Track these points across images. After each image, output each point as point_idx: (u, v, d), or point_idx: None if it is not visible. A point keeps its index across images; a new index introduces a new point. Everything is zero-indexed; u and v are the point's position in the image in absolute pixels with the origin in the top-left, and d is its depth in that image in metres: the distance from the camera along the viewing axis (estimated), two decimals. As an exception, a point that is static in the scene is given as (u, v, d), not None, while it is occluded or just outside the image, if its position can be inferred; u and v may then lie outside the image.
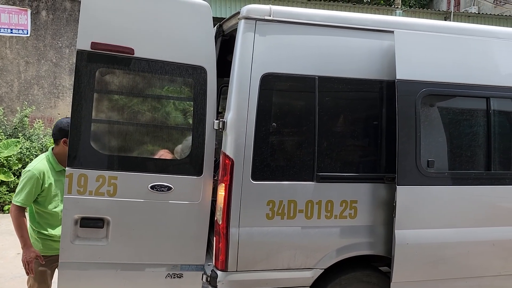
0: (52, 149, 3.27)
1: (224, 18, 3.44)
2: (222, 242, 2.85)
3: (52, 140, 6.02)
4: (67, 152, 2.87)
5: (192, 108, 2.94)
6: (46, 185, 3.13)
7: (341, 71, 3.03)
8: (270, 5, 2.97)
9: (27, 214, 3.17)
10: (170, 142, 3.08)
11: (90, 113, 2.80)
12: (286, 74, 2.94)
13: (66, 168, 2.78)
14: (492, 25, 11.93)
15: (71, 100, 2.79)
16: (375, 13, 11.81)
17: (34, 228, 3.21)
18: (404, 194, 3.00)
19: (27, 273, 3.15)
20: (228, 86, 2.91)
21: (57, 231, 3.18)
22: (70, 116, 2.85)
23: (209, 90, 2.91)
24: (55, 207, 3.20)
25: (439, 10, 15.86)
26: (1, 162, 7.65)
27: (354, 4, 13.27)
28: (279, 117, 2.96)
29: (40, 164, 3.16)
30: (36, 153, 7.86)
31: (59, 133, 3.20)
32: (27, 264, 3.09)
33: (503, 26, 11.88)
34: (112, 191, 2.81)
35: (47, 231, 3.19)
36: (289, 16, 2.96)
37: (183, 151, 2.99)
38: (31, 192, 3.07)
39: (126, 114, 2.97)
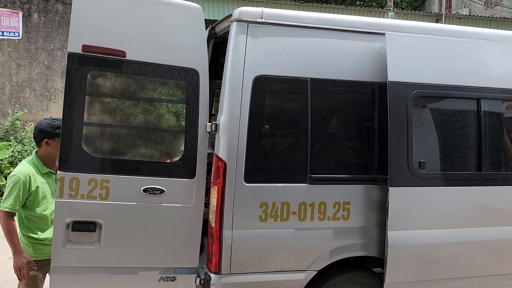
0: (36, 152, 3.24)
1: (217, 21, 3.45)
2: (215, 245, 2.85)
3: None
4: (51, 152, 2.83)
5: (184, 111, 2.93)
6: (33, 188, 3.10)
7: (333, 73, 3.04)
8: (262, 7, 2.98)
9: (16, 219, 3.14)
10: (162, 144, 3.07)
11: (82, 116, 2.78)
12: (279, 76, 2.95)
13: (58, 172, 2.76)
14: (483, 27, 12.04)
15: (63, 103, 2.77)
16: (367, 15, 11.91)
17: (24, 233, 3.18)
18: (397, 195, 3.02)
19: (19, 279, 3.12)
20: (220, 89, 2.91)
21: (47, 234, 3.15)
22: (59, 118, 2.83)
23: (202, 92, 2.91)
24: (44, 210, 3.17)
25: (431, 12, 16.00)
26: (-7, 165, 7.61)
27: (347, 6, 13.35)
28: (271, 119, 2.96)
29: (25, 167, 3.12)
30: (28, 156, 7.81)
31: (40, 135, 3.16)
32: (18, 271, 3.05)
33: (494, 28, 12.00)
34: (104, 194, 2.80)
35: (37, 234, 3.16)
36: (281, 18, 2.97)
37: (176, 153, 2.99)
38: (18, 196, 3.04)
39: (118, 117, 2.96)
